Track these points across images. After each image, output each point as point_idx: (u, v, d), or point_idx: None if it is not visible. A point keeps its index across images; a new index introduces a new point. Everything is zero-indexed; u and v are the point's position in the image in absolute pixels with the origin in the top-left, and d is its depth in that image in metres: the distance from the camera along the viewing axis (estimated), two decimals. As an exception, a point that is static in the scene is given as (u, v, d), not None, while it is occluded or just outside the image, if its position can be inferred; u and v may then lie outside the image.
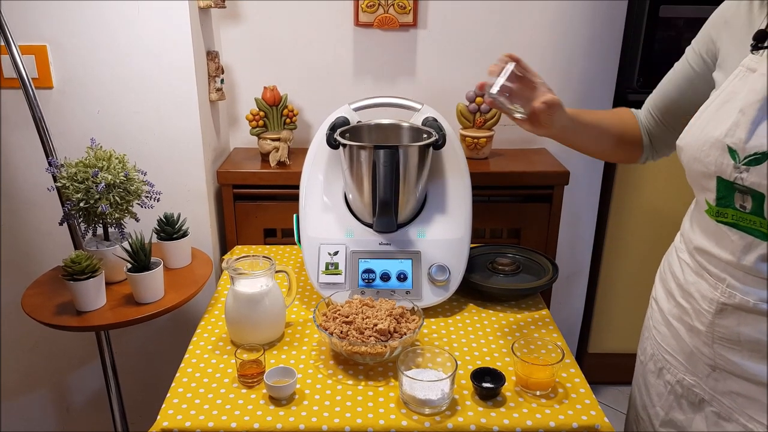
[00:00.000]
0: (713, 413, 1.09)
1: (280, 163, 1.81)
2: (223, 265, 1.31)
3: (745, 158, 0.92)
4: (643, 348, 1.29)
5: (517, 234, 1.89)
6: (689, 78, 1.16)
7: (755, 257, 0.96)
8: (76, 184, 1.36)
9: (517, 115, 1.15)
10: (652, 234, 2.14)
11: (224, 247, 1.89)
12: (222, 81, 1.79)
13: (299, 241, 1.48)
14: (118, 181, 1.38)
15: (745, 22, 1.00)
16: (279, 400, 1.13)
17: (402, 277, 1.41)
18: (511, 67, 1.16)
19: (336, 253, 1.43)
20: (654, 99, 1.25)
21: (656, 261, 1.27)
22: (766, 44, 0.94)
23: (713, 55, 1.09)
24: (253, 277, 1.27)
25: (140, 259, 1.37)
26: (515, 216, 1.86)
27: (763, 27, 0.96)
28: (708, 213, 1.03)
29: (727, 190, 0.97)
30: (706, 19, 1.13)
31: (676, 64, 1.20)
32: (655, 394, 1.22)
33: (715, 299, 1.03)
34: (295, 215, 1.52)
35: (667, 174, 2.05)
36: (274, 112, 1.82)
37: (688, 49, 1.16)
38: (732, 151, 0.93)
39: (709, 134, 0.97)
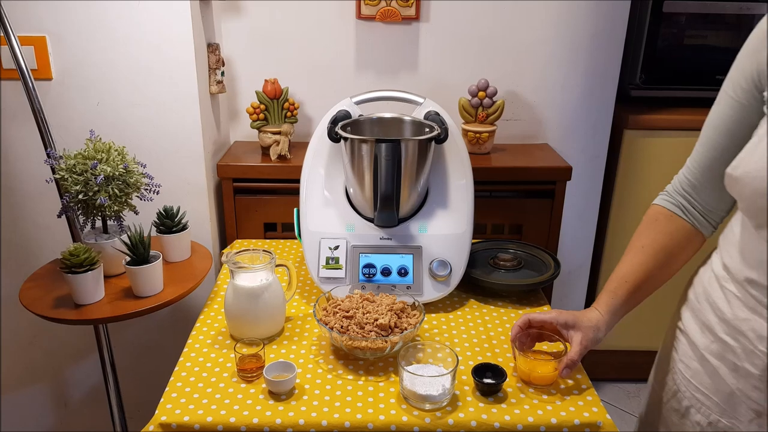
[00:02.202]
0: None
1: (281, 157, 1.80)
2: (223, 258, 1.30)
3: None
4: (661, 381, 1.15)
5: (518, 229, 1.88)
6: (739, 119, 0.96)
7: None
8: (75, 176, 1.35)
9: None
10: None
11: (224, 241, 1.88)
12: (222, 73, 1.78)
13: (300, 235, 1.47)
14: (117, 173, 1.37)
15: None
16: (278, 394, 1.12)
17: (403, 272, 1.40)
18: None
19: (337, 247, 1.42)
20: (698, 160, 1.06)
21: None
22: None
23: (762, 77, 0.92)
24: (253, 271, 1.26)
25: (139, 253, 1.36)
26: (517, 211, 1.85)
27: None
28: None
29: None
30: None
31: (713, 110, 1.01)
32: None
33: None
34: (295, 209, 1.51)
35: (670, 170, 2.04)
36: (274, 106, 1.80)
37: (724, 85, 0.99)
38: None
39: None
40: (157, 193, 1.47)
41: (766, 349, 0.91)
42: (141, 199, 1.45)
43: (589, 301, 2.27)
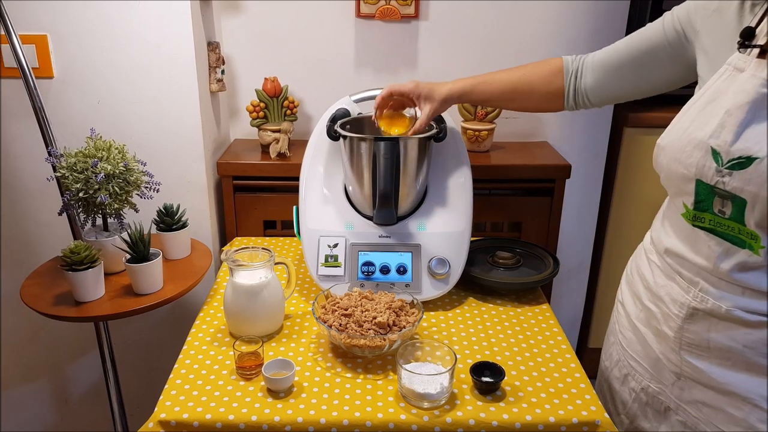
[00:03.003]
0: (679, 422, 1.07)
1: (281, 155, 1.80)
2: (223, 256, 1.31)
3: (728, 162, 0.89)
4: (608, 353, 1.27)
5: (518, 228, 1.88)
6: (656, 43, 1.11)
7: (732, 265, 0.94)
8: (76, 174, 1.35)
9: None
10: (653, 229, 2.13)
11: (224, 239, 1.88)
12: (223, 72, 1.78)
13: (299, 233, 1.47)
14: (117, 171, 1.37)
15: (735, 17, 0.97)
16: (277, 392, 1.12)
17: (402, 270, 1.40)
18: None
19: (336, 245, 1.43)
20: (608, 53, 1.20)
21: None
22: (753, 42, 0.91)
23: (689, 36, 1.05)
24: (252, 268, 1.27)
25: (139, 250, 1.36)
26: (516, 209, 1.85)
27: (752, 25, 0.93)
28: (684, 216, 1.00)
29: (706, 194, 0.94)
30: None
31: (648, 26, 1.14)
32: (620, 401, 1.21)
33: (686, 303, 1.01)
34: (294, 207, 1.51)
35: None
36: (274, 104, 1.81)
37: (666, 16, 1.10)
38: (716, 154, 0.91)
39: (692, 135, 0.94)
40: (158, 191, 1.48)
41: (678, 311, 1.02)
42: (141, 197, 1.45)
43: (589, 299, 2.28)
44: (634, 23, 1.95)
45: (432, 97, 1.31)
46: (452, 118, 1.49)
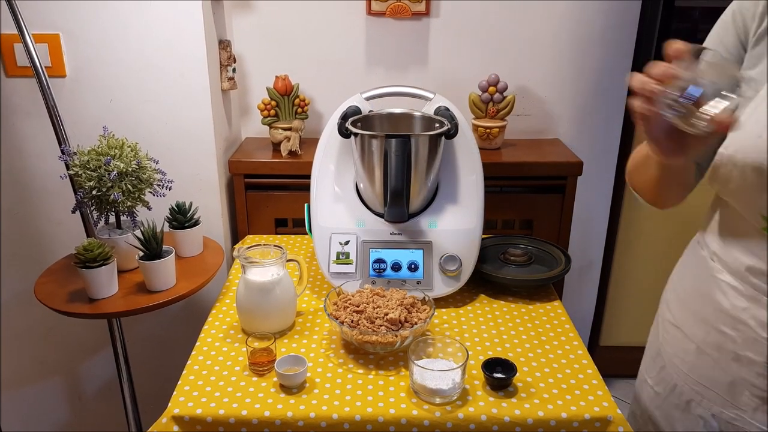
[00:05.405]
0: None
1: (292, 153, 1.81)
2: (235, 253, 1.31)
3: None
4: (657, 378, 1.18)
5: (529, 225, 1.87)
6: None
7: None
8: (89, 172, 1.36)
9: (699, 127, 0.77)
10: (666, 226, 2.12)
11: (235, 237, 1.89)
12: (234, 70, 1.79)
13: (310, 230, 1.48)
14: (130, 169, 1.38)
15: None
16: (290, 388, 1.13)
17: (413, 267, 1.41)
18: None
19: (347, 242, 1.43)
20: None
21: (670, 254, 1.24)
22: None
23: (745, 41, 0.96)
24: (264, 265, 1.27)
25: (152, 248, 1.37)
26: (527, 207, 1.85)
27: None
28: (767, 231, 0.91)
29: None
30: (722, 9, 1.03)
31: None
32: (682, 428, 1.12)
33: None
34: (306, 205, 1.51)
35: (682, 165, 2.03)
36: (285, 102, 1.81)
37: (715, 42, 0.99)
38: None
39: None
40: (170, 189, 1.48)
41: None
42: (154, 195, 1.46)
43: (601, 297, 2.27)
44: (646, 20, 1.94)
45: None
46: (463, 115, 1.49)
